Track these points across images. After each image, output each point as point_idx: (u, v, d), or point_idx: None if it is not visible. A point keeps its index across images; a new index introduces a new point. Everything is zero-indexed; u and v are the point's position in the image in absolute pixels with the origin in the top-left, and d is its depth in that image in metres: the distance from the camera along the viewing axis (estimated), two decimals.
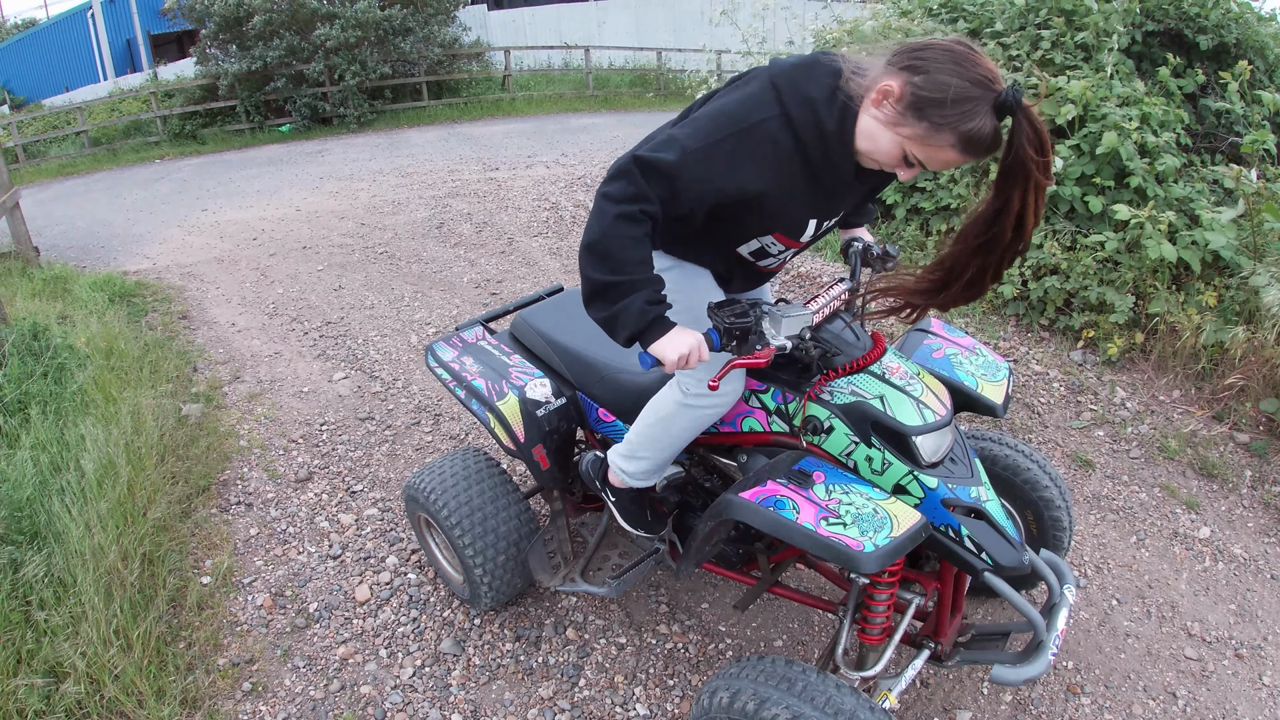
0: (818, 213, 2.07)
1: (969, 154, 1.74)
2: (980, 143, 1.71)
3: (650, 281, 1.95)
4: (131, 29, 28.20)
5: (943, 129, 1.71)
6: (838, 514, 1.88)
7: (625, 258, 1.91)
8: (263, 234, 8.99)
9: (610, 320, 1.96)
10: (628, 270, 1.91)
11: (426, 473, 3.11)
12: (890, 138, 1.80)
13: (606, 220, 1.90)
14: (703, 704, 2.09)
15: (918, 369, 2.25)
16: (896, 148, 1.80)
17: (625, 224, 1.89)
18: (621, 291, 1.92)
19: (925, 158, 1.79)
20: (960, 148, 1.72)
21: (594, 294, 1.96)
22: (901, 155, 1.82)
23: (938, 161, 1.79)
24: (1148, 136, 5.18)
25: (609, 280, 1.91)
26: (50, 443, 3.99)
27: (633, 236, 1.91)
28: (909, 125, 1.75)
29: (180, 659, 3.09)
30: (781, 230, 2.10)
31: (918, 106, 1.72)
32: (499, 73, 19.87)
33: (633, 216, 1.89)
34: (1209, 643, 3.18)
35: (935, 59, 1.71)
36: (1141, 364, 4.85)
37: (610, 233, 1.90)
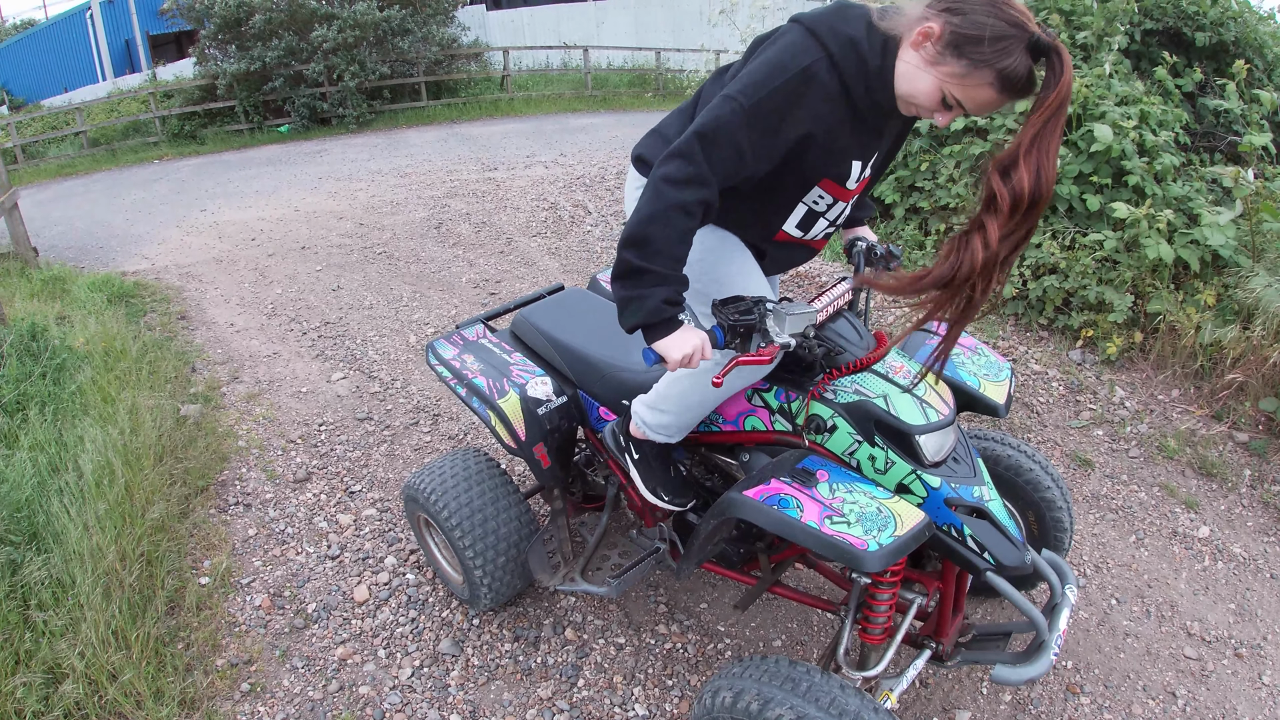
0: (861, 153, 2.09)
1: (1006, 93, 1.77)
2: (1016, 81, 1.74)
3: (676, 281, 1.95)
4: (130, 29, 28.19)
5: (982, 66, 1.75)
6: (841, 513, 1.88)
7: (661, 249, 1.91)
8: (261, 234, 8.98)
9: (625, 302, 1.97)
10: (660, 262, 1.92)
11: (425, 473, 3.10)
12: (930, 78, 1.83)
13: (656, 204, 1.91)
14: (705, 704, 2.09)
15: (919, 367, 2.25)
16: (936, 89, 1.83)
17: (676, 214, 1.90)
18: (646, 281, 1.92)
19: (964, 97, 1.82)
20: (998, 86, 1.76)
21: (622, 273, 1.96)
22: (940, 97, 1.84)
23: (976, 102, 1.82)
24: (1146, 135, 5.18)
25: (638, 265, 1.92)
26: (49, 443, 3.98)
27: (678, 229, 1.92)
28: (949, 64, 1.79)
29: (179, 660, 3.08)
30: (830, 175, 2.11)
31: (957, 45, 1.76)
32: (498, 73, 19.86)
33: (685, 207, 1.90)
34: (1208, 642, 3.18)
35: (973, 2, 1.75)
36: (1140, 363, 4.85)
37: (658, 219, 1.90)
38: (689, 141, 1.90)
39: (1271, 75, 6.33)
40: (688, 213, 1.90)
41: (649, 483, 2.67)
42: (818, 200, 2.19)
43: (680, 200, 1.88)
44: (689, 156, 1.89)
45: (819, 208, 2.22)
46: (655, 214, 1.90)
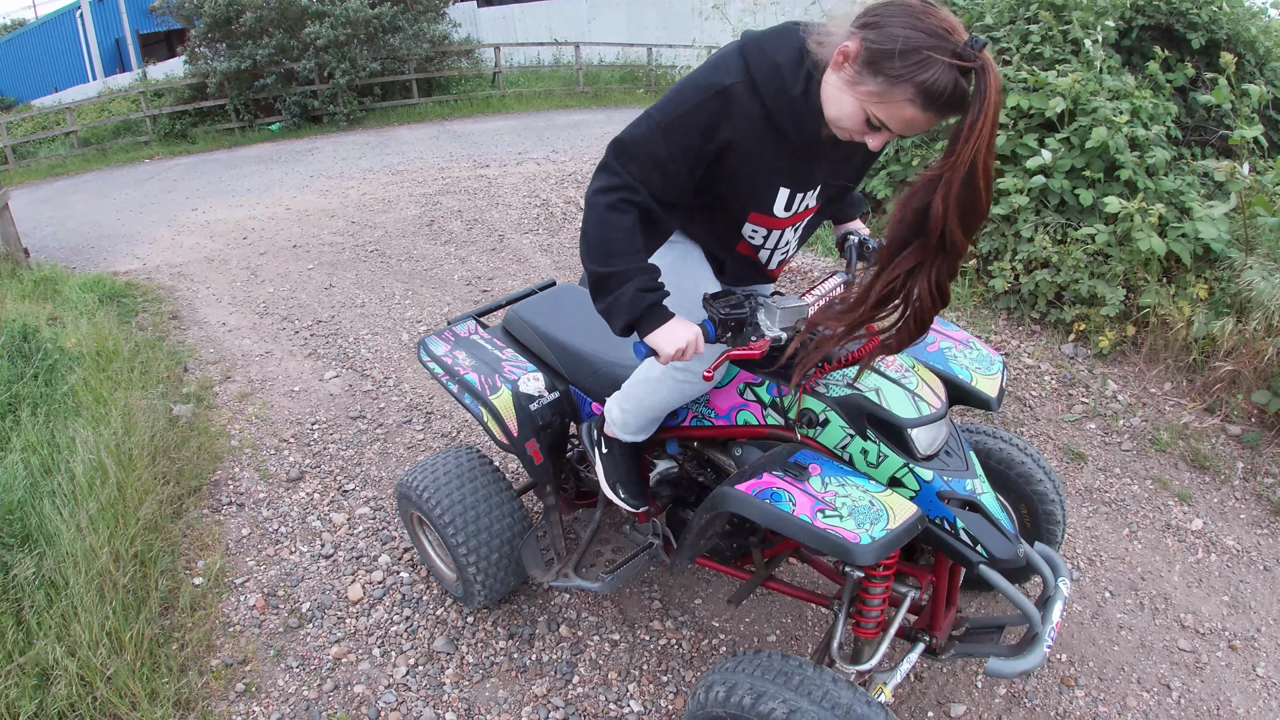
0: (790, 182, 2.04)
1: (930, 109, 1.64)
2: (939, 95, 1.61)
3: (642, 270, 1.97)
4: (120, 28, 28.13)
5: (899, 82, 1.63)
6: (834, 506, 1.88)
7: (615, 249, 1.94)
8: (253, 233, 8.96)
9: (607, 311, 1.99)
10: (618, 261, 1.94)
11: (418, 470, 3.10)
12: (851, 100, 1.73)
13: (593, 214, 1.96)
14: (699, 698, 2.09)
15: (912, 362, 2.25)
16: (858, 109, 1.73)
17: (611, 214, 1.93)
18: (615, 282, 1.95)
19: (886, 117, 1.71)
20: (920, 102, 1.63)
21: (594, 287, 1.99)
22: (864, 118, 1.74)
23: (900, 121, 1.70)
24: (1137, 130, 5.19)
25: (603, 272, 1.95)
26: (41, 444, 3.97)
27: (620, 227, 1.94)
28: (866, 83, 1.68)
29: (173, 660, 3.08)
30: (756, 207, 2.08)
31: (872, 61, 1.65)
32: (489, 69, 19.82)
33: (616, 206, 1.93)
34: (1202, 634, 3.19)
35: (890, 13, 1.64)
36: (1133, 356, 4.86)
37: (598, 225, 1.95)
38: (609, 155, 1.96)
39: (1263, 69, 6.34)
40: (618, 210, 1.94)
41: (610, 478, 2.75)
42: (753, 234, 2.18)
43: (610, 204, 1.93)
44: (608, 168, 1.96)
45: (755, 241, 2.21)
46: (596, 222, 1.96)
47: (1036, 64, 5.95)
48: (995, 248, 5.49)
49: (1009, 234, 5.42)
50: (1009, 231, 5.42)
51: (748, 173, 2.00)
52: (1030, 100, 5.50)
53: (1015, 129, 5.61)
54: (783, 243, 2.25)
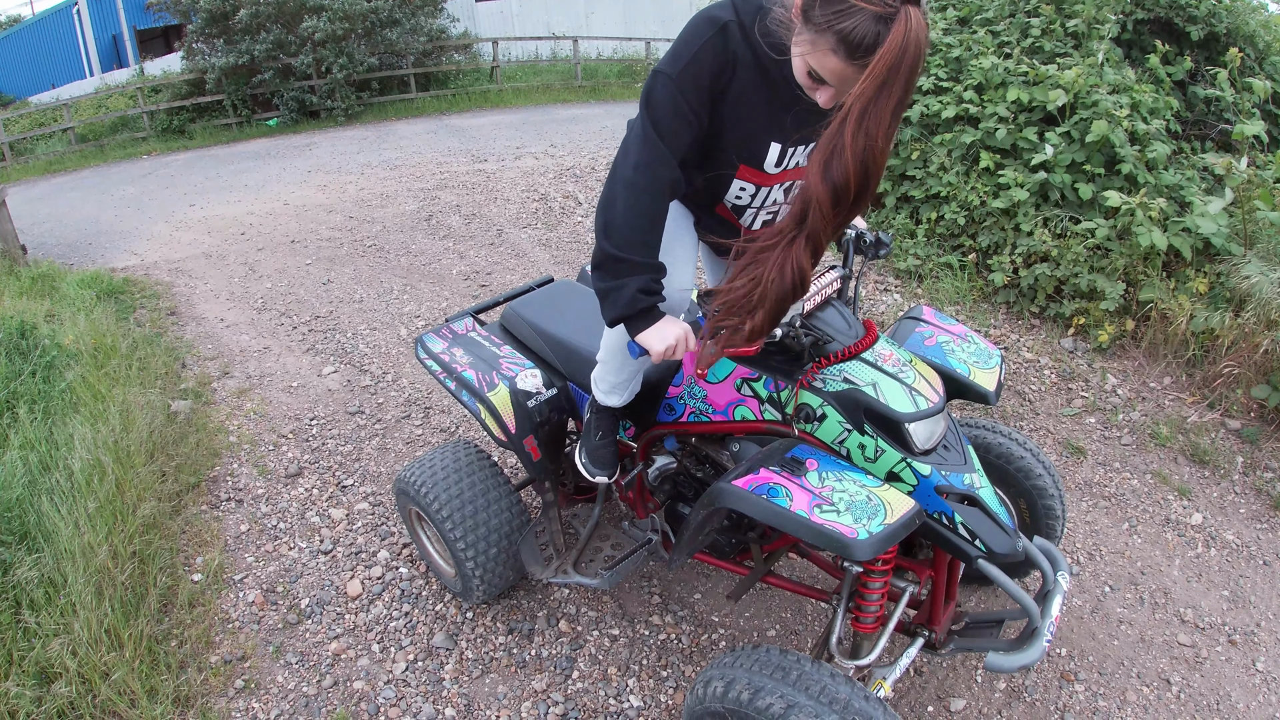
0: (781, 135, 2.03)
1: (852, 60, 1.60)
2: (859, 45, 1.56)
3: (650, 269, 1.95)
4: (117, 24, 28.05)
5: (823, 31, 1.60)
6: (831, 501, 1.87)
7: (632, 237, 1.92)
8: (250, 228, 8.95)
9: (604, 294, 1.97)
10: (633, 250, 1.92)
11: (417, 466, 3.09)
12: (796, 53, 1.72)
13: (627, 194, 1.91)
14: (697, 694, 2.08)
15: (910, 356, 2.24)
16: (801, 63, 1.72)
17: (646, 200, 1.91)
18: (623, 270, 1.93)
19: (820, 68, 1.67)
20: (841, 52, 1.60)
21: (599, 261, 1.96)
22: (806, 71, 1.72)
23: (830, 72, 1.66)
24: (1138, 124, 5.18)
25: (616, 254, 1.92)
26: (39, 442, 3.96)
27: (650, 215, 1.92)
28: (802, 33, 1.67)
29: (172, 657, 3.07)
30: (747, 159, 2.07)
31: (805, 11, 1.63)
32: (487, 64, 19.80)
33: (653, 190, 1.90)
34: (1202, 629, 3.19)
35: None
36: (1132, 351, 4.85)
37: (628, 208, 1.91)
38: (638, 122, 1.91)
39: (1262, 63, 6.34)
40: (652, 194, 1.91)
41: (584, 444, 2.77)
42: (740, 193, 2.18)
43: (641, 182, 1.89)
44: (645, 137, 1.90)
45: (742, 200, 2.20)
46: (628, 204, 1.91)
47: (1037, 57, 5.94)
48: (995, 242, 5.48)
49: (1008, 228, 5.42)
50: (1008, 225, 5.42)
51: (742, 120, 1.98)
52: (1031, 94, 5.49)
53: (1015, 122, 5.60)
54: (769, 201, 2.24)
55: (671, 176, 1.93)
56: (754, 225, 2.31)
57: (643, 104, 1.92)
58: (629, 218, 1.91)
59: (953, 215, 5.71)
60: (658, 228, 1.96)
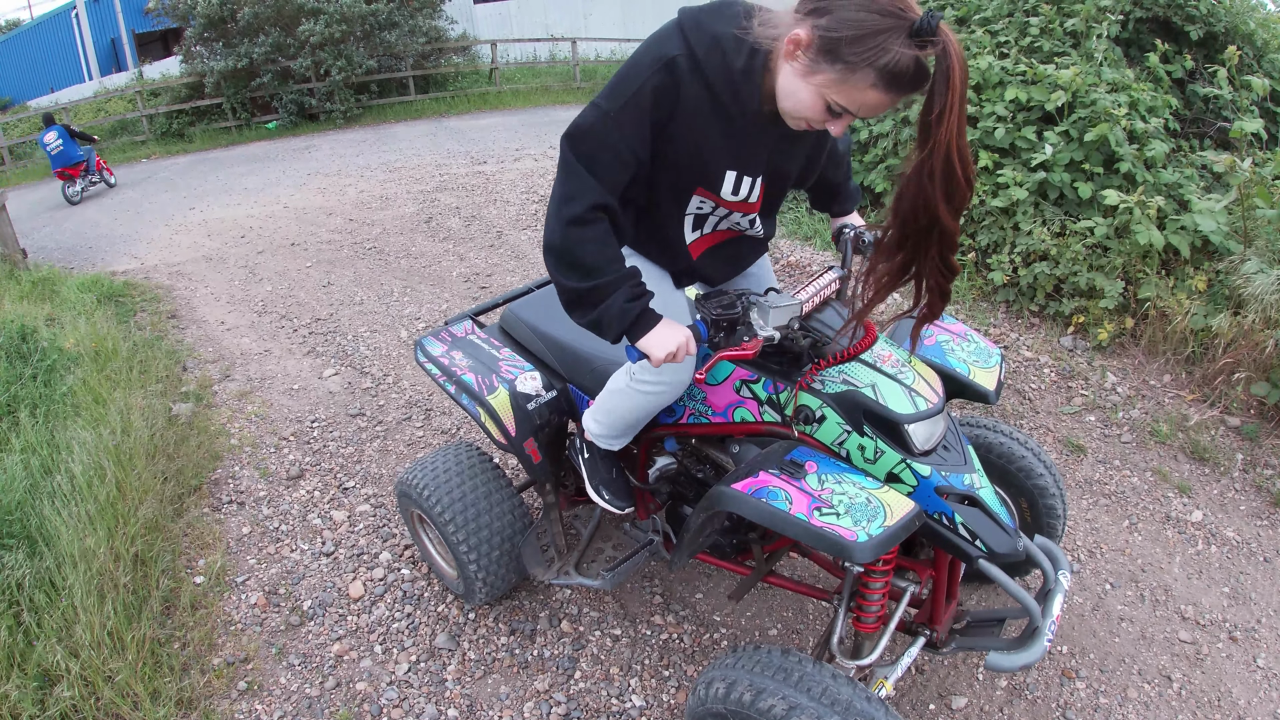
0: (736, 164, 2.00)
1: (892, 91, 1.62)
2: (901, 76, 1.59)
3: (625, 278, 1.94)
4: (116, 28, 28.08)
5: (859, 68, 1.60)
6: (830, 504, 1.87)
7: (592, 262, 1.90)
8: (250, 231, 8.95)
9: (595, 324, 1.97)
10: (599, 273, 1.90)
11: (418, 468, 3.10)
12: (809, 89, 1.70)
13: (562, 229, 1.89)
14: (699, 695, 2.09)
15: (909, 356, 2.25)
16: (817, 98, 1.71)
17: (581, 230, 1.88)
18: (599, 295, 1.92)
19: (848, 103, 1.68)
20: (882, 85, 1.61)
21: (571, 303, 1.96)
22: (824, 106, 1.71)
23: (863, 105, 1.68)
24: (1136, 122, 5.19)
25: (583, 287, 1.91)
26: (40, 445, 3.97)
27: (593, 239, 1.90)
28: (824, 71, 1.65)
29: (175, 660, 3.08)
30: (703, 183, 2.04)
31: (828, 49, 1.62)
32: (485, 66, 19.80)
33: (584, 219, 1.88)
34: (1203, 626, 3.19)
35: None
36: (1132, 349, 4.86)
37: (570, 242, 1.89)
38: (565, 153, 1.89)
39: (1260, 61, 6.34)
40: (591, 224, 1.89)
41: (593, 480, 2.77)
42: (700, 205, 2.15)
43: (577, 216, 1.87)
44: (571, 171, 1.88)
45: (704, 210, 2.18)
46: (566, 240, 1.90)
47: (1035, 56, 5.94)
48: (994, 240, 5.49)
49: (1007, 227, 5.42)
50: (1007, 224, 5.42)
51: (693, 152, 1.95)
52: (1030, 93, 5.49)
53: (1014, 122, 5.60)
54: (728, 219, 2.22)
55: (601, 201, 1.89)
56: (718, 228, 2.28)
57: (573, 136, 1.89)
58: (575, 250, 1.89)
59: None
60: (609, 244, 1.93)
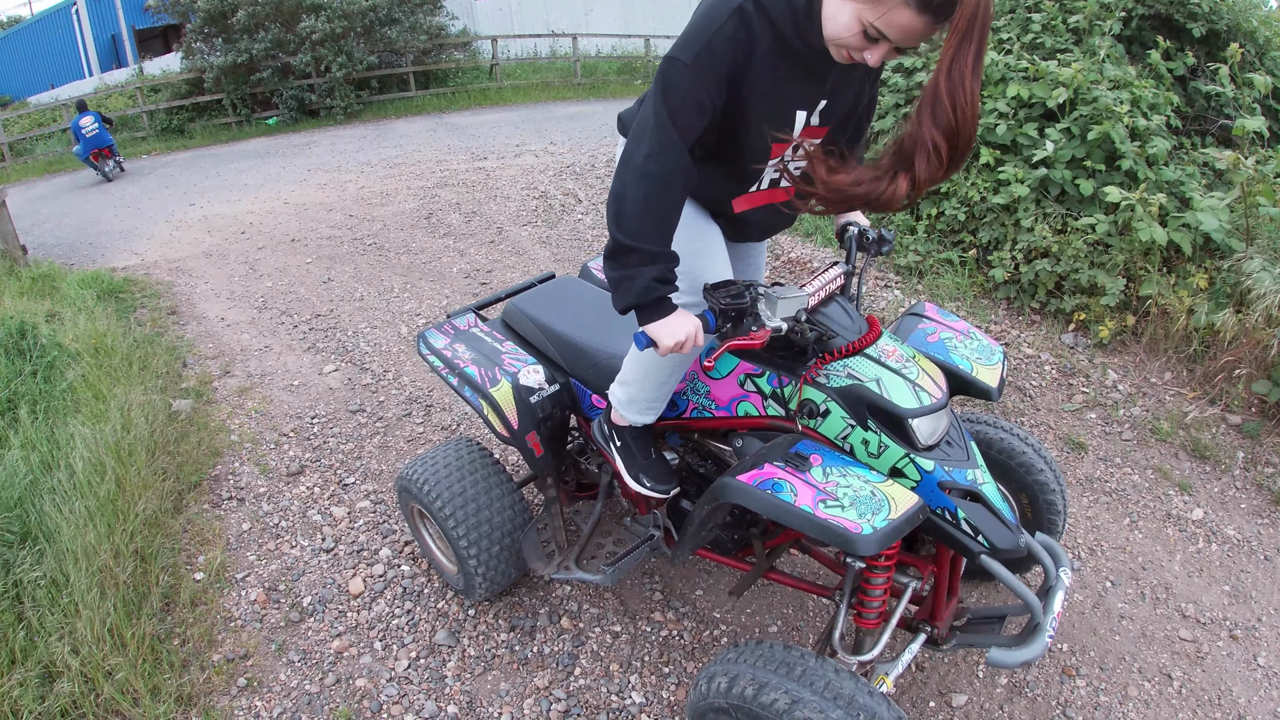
0: (804, 102, 2.02)
1: (924, 11, 1.64)
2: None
3: (665, 258, 1.94)
4: (116, 24, 28.05)
5: None
6: (835, 496, 1.87)
7: (645, 227, 1.91)
8: (251, 227, 8.95)
9: (617, 283, 1.96)
10: (646, 239, 1.91)
11: (418, 463, 3.09)
12: (848, 10, 1.73)
13: (640, 184, 1.89)
14: (701, 689, 2.08)
15: (913, 352, 2.24)
16: (855, 20, 1.73)
17: (653, 189, 1.89)
18: (636, 259, 1.92)
19: (885, 25, 1.70)
20: (915, 5, 1.63)
21: (611, 251, 1.96)
22: (861, 29, 1.73)
23: (897, 28, 1.69)
24: (1138, 120, 5.18)
25: (629, 244, 1.91)
26: (40, 442, 3.97)
27: (665, 205, 1.91)
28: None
29: (175, 656, 3.07)
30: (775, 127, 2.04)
31: None
32: (486, 62, 19.81)
33: (662, 179, 1.88)
34: (1203, 624, 3.19)
35: None
36: (1133, 346, 4.85)
37: (643, 197, 1.89)
38: (649, 109, 1.89)
39: (1263, 59, 6.33)
40: (664, 184, 1.89)
41: (631, 470, 2.65)
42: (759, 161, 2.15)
43: (653, 173, 1.87)
44: (654, 125, 1.87)
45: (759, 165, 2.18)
46: (641, 194, 1.89)
47: (1037, 53, 5.93)
48: (995, 237, 5.48)
49: (1009, 223, 5.41)
50: (1009, 221, 5.42)
51: (766, 98, 1.96)
52: (1031, 90, 5.48)
53: (1016, 118, 5.59)
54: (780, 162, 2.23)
55: (683, 165, 1.90)
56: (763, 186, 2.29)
57: (656, 90, 1.89)
58: (641, 206, 1.90)
59: (953, 211, 5.71)
60: (671, 217, 1.94)
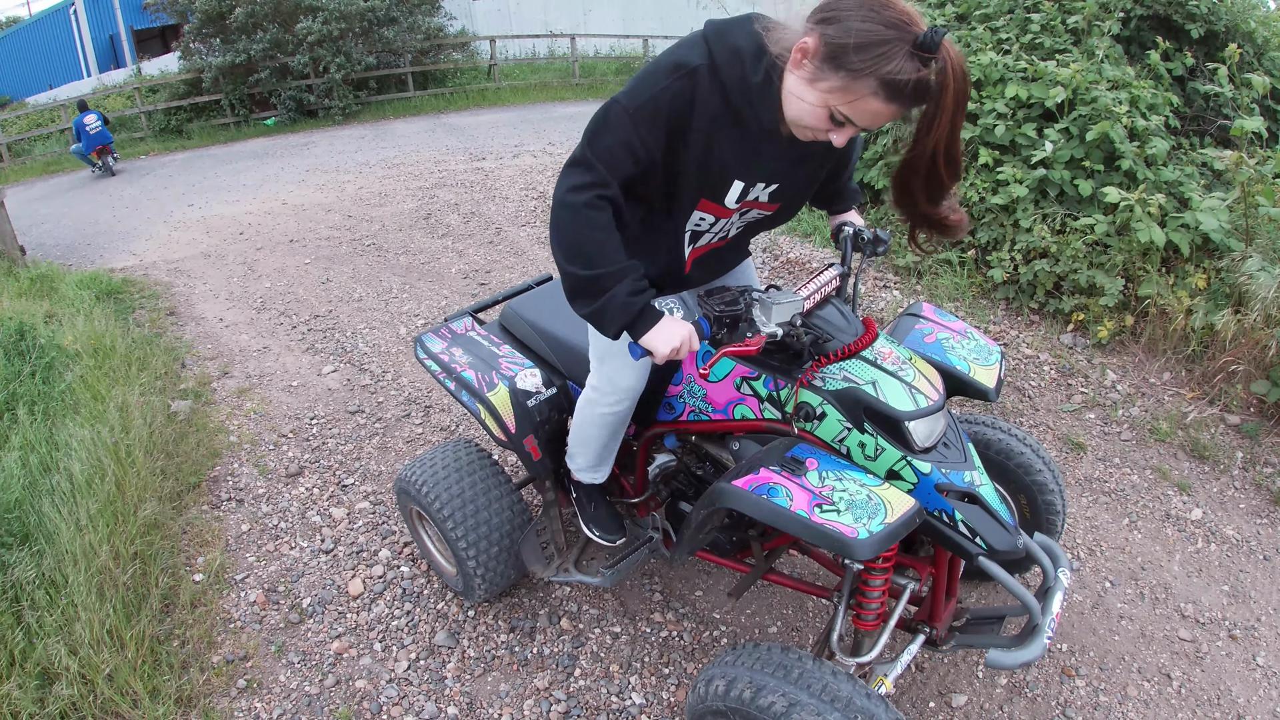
0: (744, 174, 2.03)
1: (893, 101, 1.67)
2: (902, 88, 1.63)
3: (629, 270, 1.95)
4: (114, 24, 28.02)
5: (861, 76, 1.64)
6: (831, 501, 1.87)
7: (597, 250, 1.91)
8: (249, 228, 8.94)
9: (597, 315, 1.96)
10: (604, 262, 1.91)
11: (417, 465, 3.09)
12: (814, 96, 1.74)
13: (568, 214, 1.92)
14: (699, 692, 2.08)
15: (909, 354, 2.24)
16: (822, 106, 1.74)
17: (588, 213, 1.90)
18: (602, 285, 1.92)
19: (851, 112, 1.73)
20: (884, 95, 1.66)
21: (575, 291, 1.97)
22: (828, 114, 1.76)
23: (865, 114, 1.73)
24: (1137, 120, 5.18)
25: (586, 275, 1.92)
26: (39, 443, 3.96)
27: (599, 226, 1.91)
28: (828, 79, 1.69)
29: (174, 658, 3.08)
30: (706, 194, 2.07)
31: (833, 57, 1.66)
32: (484, 62, 19.80)
33: (592, 205, 1.90)
34: (1202, 624, 3.19)
35: (847, 7, 1.65)
36: (1132, 347, 4.86)
37: (576, 226, 1.91)
38: (582, 148, 1.93)
39: (1261, 59, 6.33)
40: (595, 208, 1.91)
41: (583, 517, 2.95)
42: (700, 221, 2.18)
43: (586, 202, 1.90)
44: (584, 163, 1.92)
45: (701, 228, 2.21)
46: (573, 223, 1.92)
47: (1036, 53, 5.93)
48: (994, 238, 5.48)
49: (1008, 224, 5.41)
50: (1008, 221, 5.42)
51: (705, 161, 1.98)
52: (1030, 90, 5.48)
53: (1014, 119, 5.59)
54: (725, 227, 2.25)
55: (610, 195, 1.92)
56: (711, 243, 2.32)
57: (590, 131, 1.93)
58: (585, 233, 1.91)
59: None
60: (614, 234, 1.94)
